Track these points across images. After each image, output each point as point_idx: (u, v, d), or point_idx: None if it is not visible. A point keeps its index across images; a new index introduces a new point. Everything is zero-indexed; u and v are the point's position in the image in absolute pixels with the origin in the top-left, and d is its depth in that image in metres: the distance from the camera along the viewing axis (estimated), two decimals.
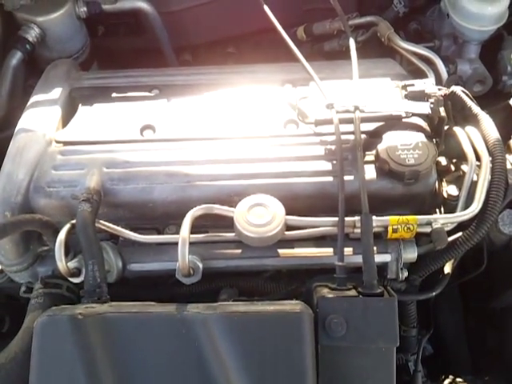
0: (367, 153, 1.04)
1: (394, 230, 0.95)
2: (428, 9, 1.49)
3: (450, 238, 0.98)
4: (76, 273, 0.96)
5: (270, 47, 1.58)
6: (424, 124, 1.07)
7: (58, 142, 1.12)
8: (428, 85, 1.11)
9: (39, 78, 1.28)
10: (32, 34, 1.39)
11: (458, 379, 1.13)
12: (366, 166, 1.01)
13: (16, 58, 1.37)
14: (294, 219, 0.97)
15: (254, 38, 1.75)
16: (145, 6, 1.51)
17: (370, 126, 1.07)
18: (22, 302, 1.06)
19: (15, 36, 1.38)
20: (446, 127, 1.08)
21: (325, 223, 0.97)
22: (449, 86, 1.12)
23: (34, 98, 1.20)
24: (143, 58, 1.61)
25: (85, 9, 1.45)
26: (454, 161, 1.09)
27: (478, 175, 1.01)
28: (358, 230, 0.94)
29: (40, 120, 1.15)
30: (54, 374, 0.84)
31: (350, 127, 1.04)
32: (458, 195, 1.02)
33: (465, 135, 1.07)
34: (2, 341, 0.98)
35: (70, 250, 0.98)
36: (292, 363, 0.83)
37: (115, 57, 1.65)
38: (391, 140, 1.03)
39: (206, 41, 1.73)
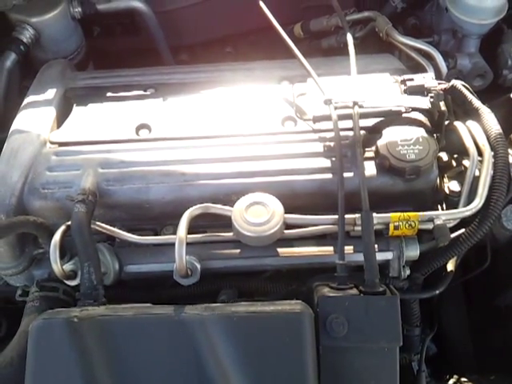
0: (367, 149, 1.03)
1: (396, 227, 0.94)
2: (426, 3, 1.48)
3: (453, 235, 0.97)
4: (72, 275, 0.95)
5: (268, 46, 1.56)
6: (424, 119, 1.05)
7: (52, 142, 1.11)
8: (427, 79, 1.10)
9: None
10: (26, 35, 1.38)
11: (463, 379, 1.12)
12: (366, 163, 1.00)
13: (10, 59, 1.36)
14: (294, 217, 0.96)
15: (250, 36, 1.75)
16: (140, 5, 1.51)
17: (370, 122, 1.05)
18: (20, 305, 1.04)
19: (9, 37, 1.37)
20: (446, 122, 1.07)
21: (325, 221, 0.96)
22: (449, 81, 1.11)
23: (28, 99, 1.19)
24: (140, 58, 1.60)
25: (79, 9, 1.45)
26: (456, 156, 1.08)
27: (480, 170, 1.00)
28: (359, 228, 0.93)
29: (34, 121, 1.14)
30: (49, 379, 0.83)
31: (348, 123, 1.03)
32: (459, 191, 1.01)
33: (466, 130, 1.06)
34: (1, 344, 0.96)
35: (66, 252, 0.97)
36: (292, 365, 0.81)
37: (111, 58, 1.65)
38: (391, 135, 1.01)
39: (203, 40, 1.73)
